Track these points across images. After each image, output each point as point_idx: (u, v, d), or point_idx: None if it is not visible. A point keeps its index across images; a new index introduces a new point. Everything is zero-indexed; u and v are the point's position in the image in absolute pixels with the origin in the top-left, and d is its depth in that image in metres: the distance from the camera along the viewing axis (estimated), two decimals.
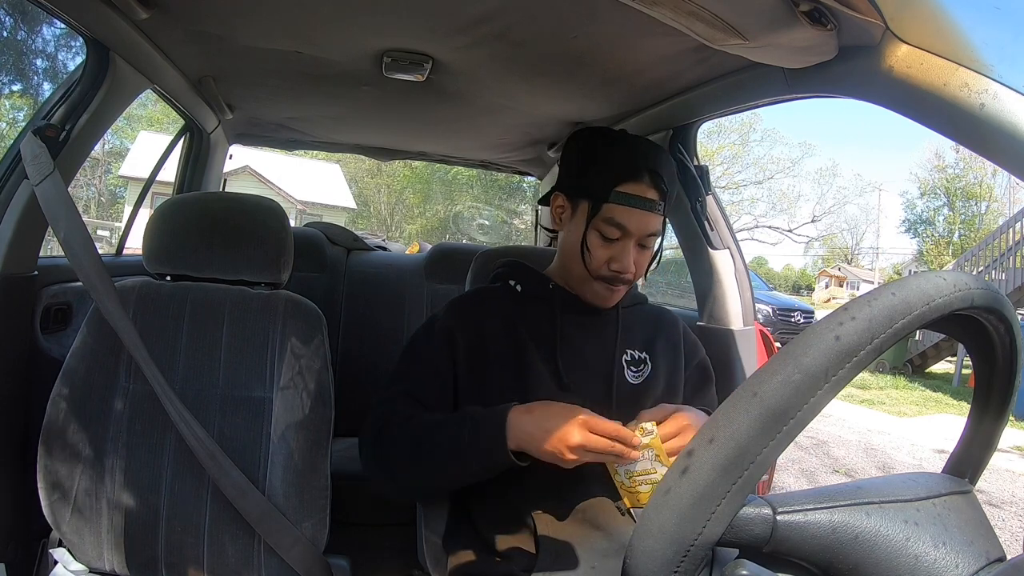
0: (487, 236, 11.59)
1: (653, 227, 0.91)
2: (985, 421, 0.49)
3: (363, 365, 1.93)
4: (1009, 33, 0.61)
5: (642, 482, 0.77)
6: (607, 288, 0.93)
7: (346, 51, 1.19)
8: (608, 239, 0.90)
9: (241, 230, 1.10)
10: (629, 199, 0.88)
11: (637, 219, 0.89)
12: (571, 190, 0.95)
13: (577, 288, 0.97)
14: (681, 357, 1.01)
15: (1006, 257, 8.59)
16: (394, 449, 0.86)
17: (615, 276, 0.92)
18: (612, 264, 0.91)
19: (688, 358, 1.02)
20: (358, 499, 1.48)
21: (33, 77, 13.37)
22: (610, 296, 0.95)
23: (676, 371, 1.00)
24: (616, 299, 0.96)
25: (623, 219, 0.89)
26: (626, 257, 0.90)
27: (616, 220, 0.89)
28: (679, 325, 1.05)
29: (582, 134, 0.97)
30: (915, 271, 6.40)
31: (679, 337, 1.03)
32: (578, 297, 0.97)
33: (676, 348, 1.02)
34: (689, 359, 1.02)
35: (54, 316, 1.26)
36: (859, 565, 0.40)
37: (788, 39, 0.75)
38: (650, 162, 0.89)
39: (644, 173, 0.88)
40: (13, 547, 1.13)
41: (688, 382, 1.01)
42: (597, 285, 0.93)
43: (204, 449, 0.97)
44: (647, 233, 0.91)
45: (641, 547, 0.39)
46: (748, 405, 0.38)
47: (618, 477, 0.79)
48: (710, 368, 1.04)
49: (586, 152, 0.93)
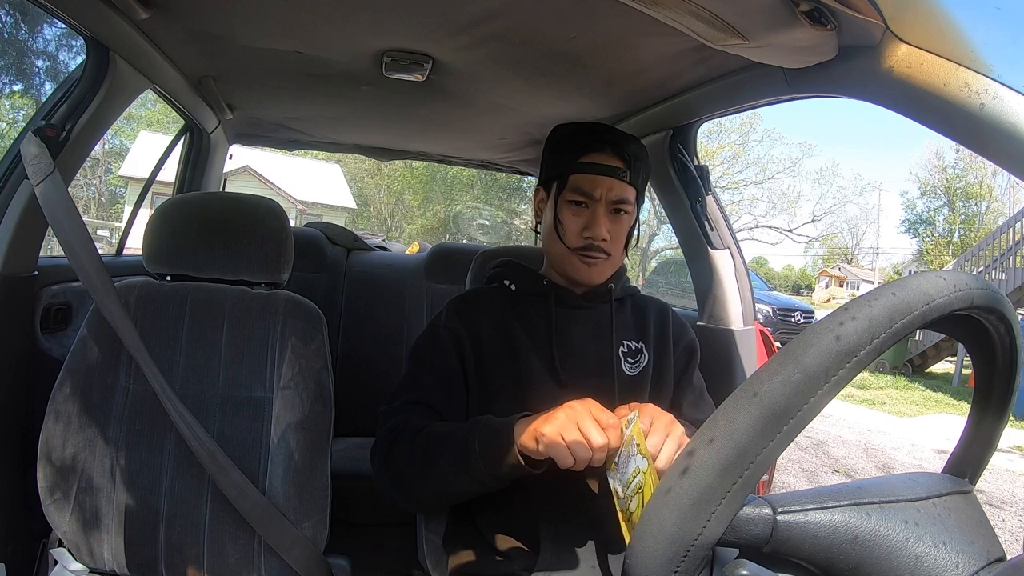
0: (487, 236, 11.58)
1: (620, 193, 0.93)
2: (985, 421, 0.49)
3: (363, 365, 1.93)
4: (1009, 33, 0.61)
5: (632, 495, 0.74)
6: (585, 260, 0.94)
7: (346, 51, 1.19)
8: (578, 205, 0.93)
9: (241, 230, 1.10)
10: (592, 167, 0.92)
11: (602, 184, 0.92)
12: (545, 178, 1.00)
13: (560, 271, 0.98)
14: (669, 341, 1.02)
15: (1006, 257, 8.58)
16: (404, 463, 0.85)
17: (590, 244, 0.93)
18: (585, 232, 0.93)
19: (676, 341, 1.03)
20: (358, 499, 1.48)
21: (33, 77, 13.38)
22: (591, 270, 0.95)
23: (666, 356, 1.01)
24: (599, 274, 0.96)
25: (588, 186, 0.92)
26: (597, 224, 0.92)
27: (582, 188, 0.93)
28: (668, 311, 1.06)
29: (552, 131, 1.01)
30: (915, 271, 6.41)
31: (668, 322, 1.04)
32: (572, 292, 0.97)
33: (665, 332, 1.02)
34: (677, 342, 1.03)
35: (54, 316, 1.26)
36: (859, 565, 0.40)
37: (788, 39, 0.75)
38: (612, 136, 0.94)
39: (606, 145, 0.93)
40: (13, 547, 1.13)
41: (677, 364, 1.02)
42: (575, 259, 0.94)
43: (204, 449, 0.97)
44: (615, 199, 0.93)
45: (641, 547, 0.39)
46: (748, 405, 0.38)
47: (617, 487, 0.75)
48: (697, 349, 1.05)
49: (554, 141, 0.99)
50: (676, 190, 1.42)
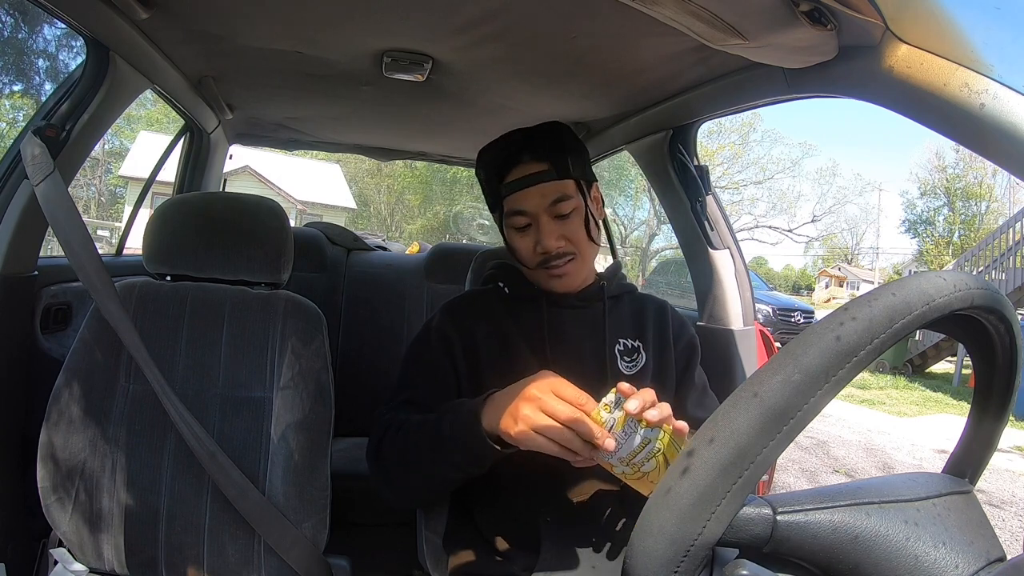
0: (487, 236, 11.57)
1: (552, 195, 0.90)
2: (985, 421, 0.49)
3: (363, 365, 1.93)
4: (1009, 33, 0.61)
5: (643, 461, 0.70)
6: (550, 273, 0.93)
7: (346, 51, 1.19)
8: (520, 228, 0.92)
9: (241, 230, 1.10)
10: (516, 184, 0.90)
11: (531, 197, 0.90)
12: (491, 210, 0.98)
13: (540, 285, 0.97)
14: (669, 339, 1.01)
15: (1006, 257, 8.58)
16: (389, 457, 0.85)
17: (546, 258, 0.92)
18: (537, 248, 0.91)
19: (676, 338, 1.02)
20: (358, 499, 1.48)
21: (33, 77, 13.38)
22: (560, 279, 0.94)
23: (666, 354, 1.00)
24: (572, 279, 0.94)
25: (520, 203, 0.90)
26: (545, 237, 0.90)
27: (516, 208, 0.91)
28: (666, 308, 1.05)
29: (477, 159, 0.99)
30: (915, 271, 6.40)
31: (667, 320, 1.03)
32: (565, 293, 0.97)
33: (664, 331, 1.01)
34: (677, 339, 1.02)
35: (54, 316, 1.26)
36: (859, 565, 0.40)
37: (788, 39, 0.75)
38: (522, 143, 0.91)
39: (522, 153, 0.90)
40: (13, 547, 1.13)
41: (678, 361, 1.01)
42: (540, 274, 0.94)
43: (204, 449, 0.97)
44: (549, 202, 0.90)
45: (641, 547, 0.39)
46: (748, 405, 0.38)
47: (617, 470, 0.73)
48: (697, 346, 1.04)
49: (480, 170, 0.97)
50: (676, 190, 1.42)
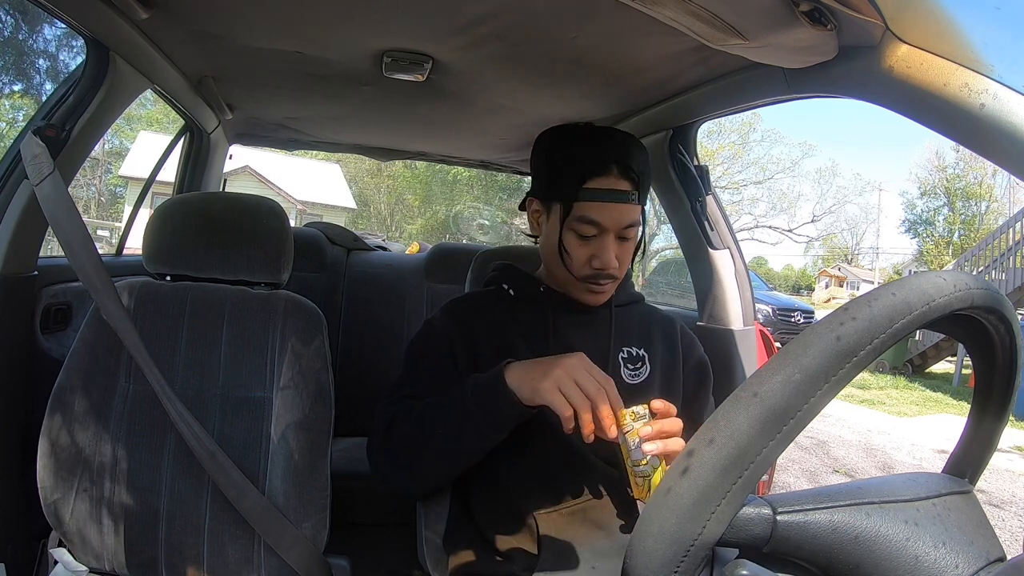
0: (487, 236, 11.58)
1: (629, 218, 0.88)
2: (985, 421, 0.49)
3: (363, 365, 1.93)
4: (1009, 33, 0.61)
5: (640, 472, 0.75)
6: (592, 288, 0.92)
7: (346, 51, 1.19)
8: (585, 237, 0.88)
9: (241, 230, 1.10)
10: (599, 194, 0.86)
11: (611, 213, 0.87)
12: (542, 194, 0.94)
13: (563, 291, 0.96)
14: (679, 356, 1.00)
15: (1006, 257, 8.59)
16: (405, 437, 0.86)
17: (598, 274, 0.90)
18: (593, 262, 0.89)
19: (686, 356, 1.01)
20: (358, 499, 1.48)
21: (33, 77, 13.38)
22: (598, 296, 0.94)
23: (674, 370, 0.99)
24: (606, 296, 0.95)
25: (597, 215, 0.87)
26: (606, 253, 0.88)
27: (590, 217, 0.87)
28: (676, 324, 1.04)
29: (544, 136, 0.95)
30: (915, 271, 6.41)
31: (676, 336, 1.02)
32: (569, 297, 0.96)
33: (674, 347, 1.00)
34: (687, 358, 1.01)
35: (54, 316, 1.26)
36: (859, 565, 0.40)
37: (788, 39, 0.75)
38: (616, 153, 0.87)
39: (611, 165, 0.86)
40: (13, 547, 1.13)
41: (687, 381, 1.00)
42: (582, 286, 0.92)
43: (204, 449, 0.97)
44: (624, 225, 0.88)
45: (641, 547, 0.39)
46: (748, 405, 0.38)
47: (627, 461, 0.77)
48: (709, 367, 1.03)
49: (551, 154, 0.92)
50: (676, 190, 1.42)
